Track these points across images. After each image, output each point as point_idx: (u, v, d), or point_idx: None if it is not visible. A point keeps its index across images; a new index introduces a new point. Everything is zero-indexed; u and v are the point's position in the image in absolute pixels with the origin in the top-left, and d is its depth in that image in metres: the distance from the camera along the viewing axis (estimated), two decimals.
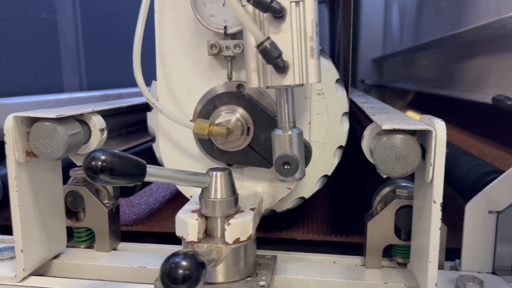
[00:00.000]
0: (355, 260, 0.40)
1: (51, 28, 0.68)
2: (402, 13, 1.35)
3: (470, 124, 0.85)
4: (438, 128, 0.30)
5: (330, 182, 0.44)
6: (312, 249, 0.43)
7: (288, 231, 0.49)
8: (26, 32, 0.63)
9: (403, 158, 0.31)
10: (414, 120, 0.34)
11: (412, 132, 0.32)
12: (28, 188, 0.36)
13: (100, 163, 0.28)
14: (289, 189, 0.40)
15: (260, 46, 0.28)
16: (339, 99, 0.41)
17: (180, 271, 0.25)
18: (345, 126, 0.42)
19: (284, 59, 0.29)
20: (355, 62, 1.75)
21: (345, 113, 0.42)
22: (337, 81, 0.41)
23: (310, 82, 0.30)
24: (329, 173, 0.43)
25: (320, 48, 0.41)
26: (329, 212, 0.55)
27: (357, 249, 0.41)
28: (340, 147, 0.42)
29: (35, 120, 0.35)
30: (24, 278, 0.36)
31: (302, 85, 0.31)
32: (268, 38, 0.28)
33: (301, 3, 0.29)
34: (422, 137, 0.32)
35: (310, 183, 0.43)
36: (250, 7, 0.29)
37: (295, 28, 0.29)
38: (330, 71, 0.41)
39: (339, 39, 0.61)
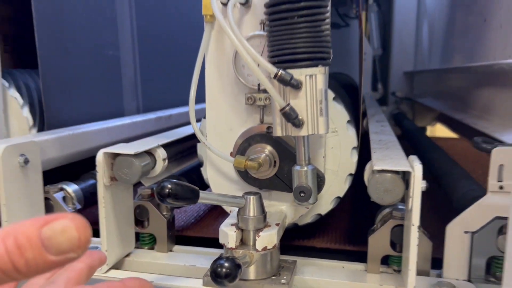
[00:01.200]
0: (360, 266, 0.50)
1: (115, 62, 0.81)
2: (431, 33, 1.42)
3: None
4: (416, 170, 0.40)
5: (348, 200, 0.54)
6: (329, 255, 0.53)
7: (310, 240, 0.59)
8: (97, 67, 0.76)
9: (390, 191, 0.41)
10: (403, 160, 0.44)
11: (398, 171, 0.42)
12: (110, 204, 0.48)
13: (167, 190, 0.39)
14: (307, 208, 0.50)
15: (282, 110, 0.39)
16: (349, 136, 0.51)
17: (224, 270, 0.36)
18: (354, 157, 0.52)
19: (300, 117, 0.40)
20: (386, 74, 1.82)
21: (354, 147, 0.52)
22: (348, 121, 0.51)
23: (319, 133, 0.41)
24: (341, 195, 0.53)
25: (334, 95, 0.51)
26: (346, 225, 0.65)
27: (365, 257, 0.51)
28: (350, 174, 0.52)
29: (118, 154, 0.47)
30: (107, 271, 0.48)
31: (314, 134, 0.41)
32: (288, 104, 0.39)
33: (313, 76, 0.40)
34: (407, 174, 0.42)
35: (325, 203, 0.53)
36: (275, 81, 0.40)
37: (309, 95, 0.40)
38: (342, 114, 0.51)
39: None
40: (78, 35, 0.72)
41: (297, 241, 0.58)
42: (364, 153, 0.57)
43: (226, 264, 0.37)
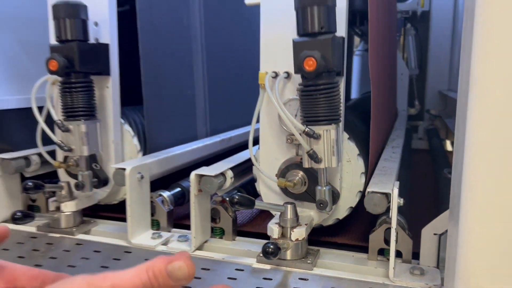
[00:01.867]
0: (364, 255, 0.72)
1: (191, 98, 1.08)
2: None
3: None
4: (394, 192, 0.61)
5: (359, 210, 0.76)
6: (343, 248, 0.75)
7: (331, 237, 0.81)
8: (179, 103, 1.03)
9: (378, 205, 0.63)
10: (389, 185, 0.65)
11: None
12: (197, 206, 0.73)
13: (235, 200, 0.64)
14: (328, 214, 0.73)
15: (307, 152, 0.62)
16: (359, 165, 0.73)
17: (270, 249, 0.60)
18: (363, 179, 0.74)
19: (319, 157, 0.63)
20: (422, 93, 1.98)
21: (362, 172, 0.74)
22: (358, 154, 0.74)
23: (332, 166, 0.63)
24: (353, 206, 0.75)
25: (349, 136, 0.73)
26: (356, 227, 0.86)
27: (368, 249, 0.73)
28: (360, 191, 0.74)
29: (203, 175, 0.72)
30: (194, 251, 0.74)
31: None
32: (311, 149, 0.62)
33: (328, 131, 0.63)
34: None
35: (342, 210, 0.75)
36: (303, 134, 0.63)
37: (325, 143, 0.63)
38: (354, 149, 0.73)
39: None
40: (168, 80, 0.99)
41: (322, 237, 0.80)
42: None
43: (272, 246, 0.61)
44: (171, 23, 0.99)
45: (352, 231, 0.83)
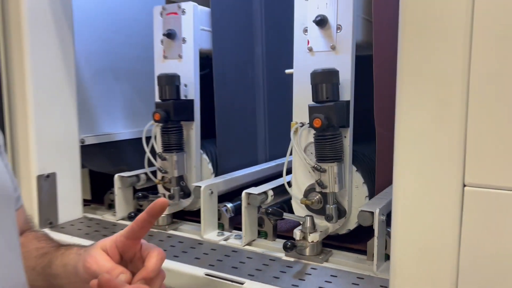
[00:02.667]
0: (365, 257, 0.98)
1: (254, 133, 1.41)
2: None
3: None
4: (376, 211, 0.88)
5: None
6: (352, 251, 1.02)
7: (343, 242, 1.08)
8: (244, 136, 1.36)
9: (366, 220, 0.90)
10: (376, 206, 0.92)
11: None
12: (247, 215, 1.05)
13: (269, 211, 0.95)
14: (339, 225, 1.01)
15: (316, 181, 0.92)
16: (364, 190, 1.00)
17: (287, 245, 0.90)
18: (367, 200, 1.00)
19: (325, 184, 0.92)
20: None
21: (366, 196, 1.00)
22: (363, 182, 1.00)
23: (336, 191, 0.92)
24: None
25: (356, 168, 1.00)
26: (361, 236, 1.12)
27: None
28: None
29: (250, 193, 1.04)
30: (244, 246, 1.06)
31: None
32: (319, 179, 0.91)
33: (332, 166, 0.91)
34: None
35: (352, 223, 1.02)
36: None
37: (330, 175, 0.91)
38: (360, 178, 1.00)
39: None
40: (235, 120, 1.33)
41: (337, 242, 1.07)
42: None
43: (289, 243, 0.91)
44: (238, 78, 1.34)
45: (360, 239, 1.09)
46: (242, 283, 0.86)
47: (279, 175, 1.29)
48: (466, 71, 0.62)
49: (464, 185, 0.64)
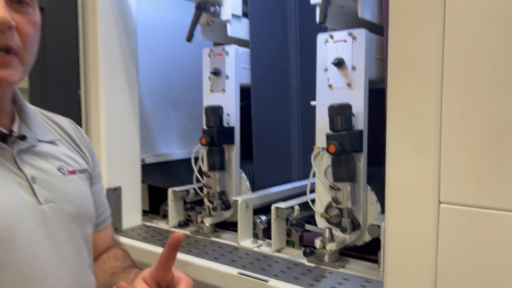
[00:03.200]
0: (376, 265, 1.13)
1: (288, 155, 1.60)
2: None
3: None
4: (382, 225, 1.03)
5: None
6: (367, 259, 1.17)
7: (360, 253, 1.23)
8: (279, 157, 1.55)
9: (375, 232, 1.05)
10: (384, 220, 1.06)
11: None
12: (276, 226, 1.23)
13: (293, 223, 1.13)
14: (355, 237, 1.16)
15: (332, 198, 1.08)
16: (376, 207, 1.15)
17: (306, 252, 1.08)
18: (379, 215, 1.15)
19: (339, 200, 1.08)
20: None
21: (379, 212, 1.15)
22: (376, 200, 1.15)
23: (349, 207, 1.08)
24: None
25: (371, 188, 1.16)
26: (375, 248, 1.25)
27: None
28: None
29: (279, 207, 1.23)
30: (273, 252, 1.23)
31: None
32: (334, 196, 1.08)
33: (345, 186, 1.08)
34: None
35: (367, 236, 1.17)
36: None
37: (344, 193, 1.08)
38: (373, 196, 1.15)
39: None
40: (271, 143, 1.52)
41: (354, 252, 1.22)
42: None
43: (307, 250, 1.08)
44: (274, 106, 1.54)
45: (374, 249, 1.23)
46: (266, 281, 1.04)
47: (311, 192, 1.46)
48: (439, 110, 0.78)
49: (440, 202, 0.79)
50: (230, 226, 1.46)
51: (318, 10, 1.08)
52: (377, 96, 1.15)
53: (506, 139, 0.73)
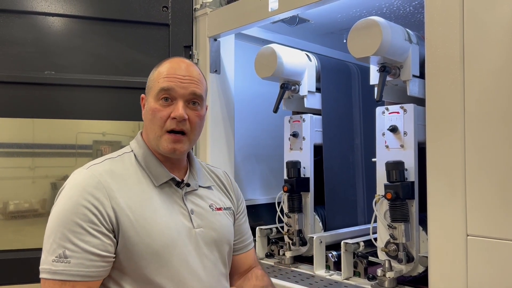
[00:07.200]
0: None
1: (354, 201, 1.90)
2: None
3: None
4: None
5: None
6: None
7: (415, 283, 1.48)
8: (346, 204, 1.86)
9: (424, 262, 1.32)
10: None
11: None
12: (345, 259, 1.53)
13: (358, 255, 1.43)
14: (410, 267, 1.43)
15: (389, 234, 1.38)
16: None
17: (369, 277, 1.36)
18: None
19: (395, 236, 1.37)
20: None
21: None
22: (427, 239, 1.42)
23: (404, 242, 1.36)
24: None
25: (422, 228, 1.43)
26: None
27: None
28: None
29: (346, 243, 1.53)
30: (343, 280, 1.53)
31: None
32: (391, 233, 1.38)
33: (400, 225, 1.37)
34: None
35: (421, 268, 1.43)
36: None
37: (399, 230, 1.37)
38: (425, 235, 1.42)
39: None
40: (340, 191, 1.84)
41: (411, 283, 1.48)
42: None
43: (370, 275, 1.37)
44: (341, 161, 1.88)
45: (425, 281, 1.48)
46: None
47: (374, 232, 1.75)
48: (463, 157, 1.08)
49: (467, 235, 1.07)
50: (306, 260, 1.78)
51: (376, 89, 1.44)
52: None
53: None
